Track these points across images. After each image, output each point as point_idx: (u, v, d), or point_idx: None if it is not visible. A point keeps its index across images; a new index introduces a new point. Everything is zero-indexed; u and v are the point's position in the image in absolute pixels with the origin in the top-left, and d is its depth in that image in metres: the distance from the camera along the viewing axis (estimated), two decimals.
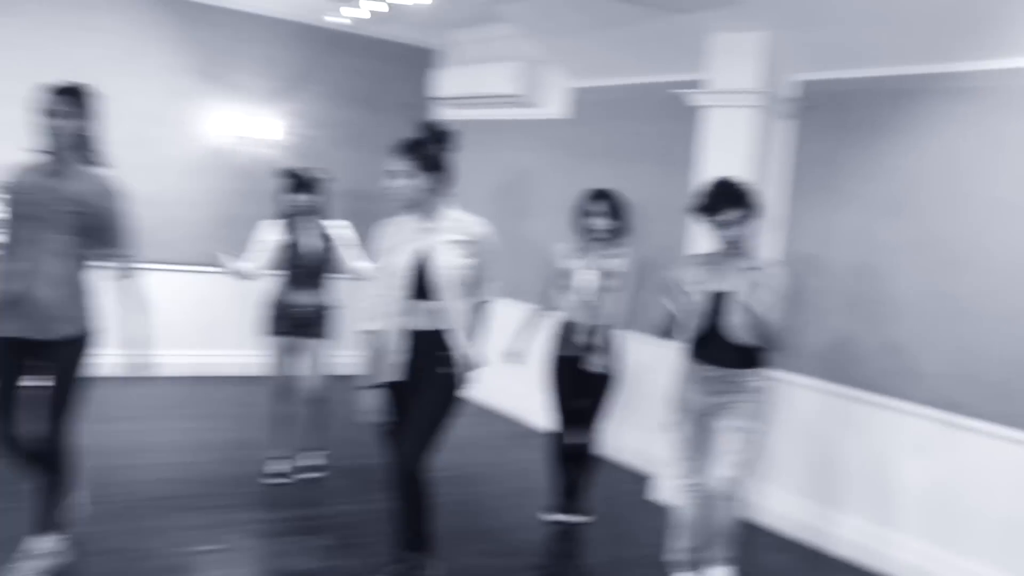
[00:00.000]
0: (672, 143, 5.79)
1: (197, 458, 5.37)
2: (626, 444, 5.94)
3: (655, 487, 5.43)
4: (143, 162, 6.88)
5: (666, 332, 4.18)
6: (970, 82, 4.37)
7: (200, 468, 5.18)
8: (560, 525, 4.84)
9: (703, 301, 3.97)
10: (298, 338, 5.03)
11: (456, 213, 3.73)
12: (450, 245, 3.64)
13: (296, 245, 4.98)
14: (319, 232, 5.04)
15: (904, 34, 4.49)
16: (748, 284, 3.88)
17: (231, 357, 7.35)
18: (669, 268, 4.26)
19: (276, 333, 5.03)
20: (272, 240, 4.98)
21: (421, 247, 3.62)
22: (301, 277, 5.01)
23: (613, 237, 4.73)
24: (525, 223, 7.09)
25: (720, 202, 3.89)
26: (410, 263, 3.61)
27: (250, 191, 7.33)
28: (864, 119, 4.83)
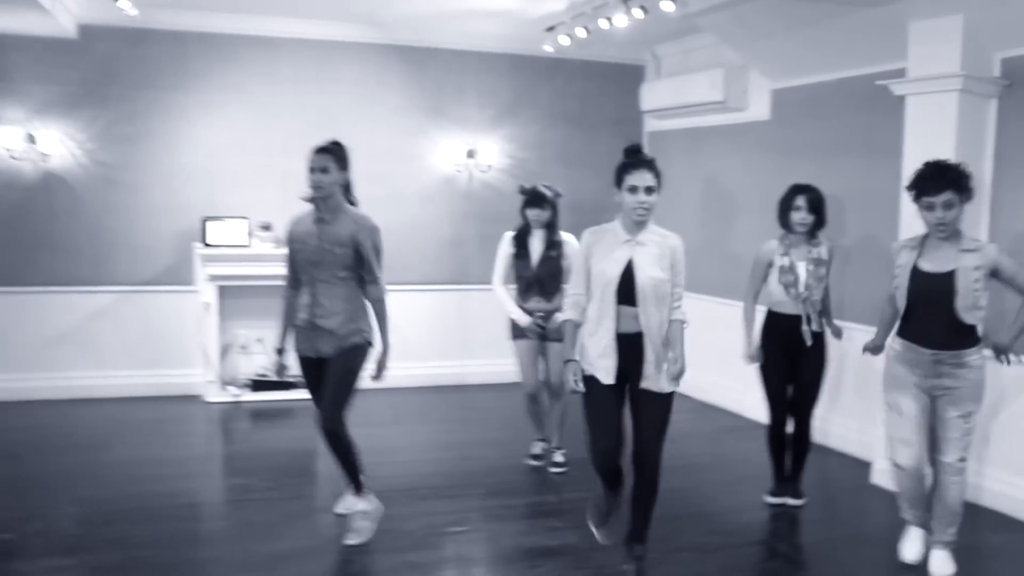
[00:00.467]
0: (875, 134, 5.85)
1: (441, 455, 6.02)
2: (842, 430, 6.03)
3: (872, 472, 5.52)
4: (382, 195, 7.72)
5: (888, 317, 4.33)
6: None
7: (444, 464, 5.81)
8: (779, 508, 5.07)
9: (919, 282, 4.08)
10: (539, 342, 5.56)
11: (657, 228, 3.97)
12: (653, 257, 3.88)
13: (530, 255, 5.52)
14: (551, 243, 5.54)
15: None
16: (968, 265, 3.96)
17: (470, 367, 8.07)
18: (883, 254, 4.37)
19: (517, 338, 5.60)
20: (509, 252, 5.58)
21: (628, 257, 3.87)
22: (535, 285, 5.53)
23: (815, 229, 4.94)
24: (734, 225, 7.30)
25: (931, 185, 3.98)
26: (619, 272, 3.87)
27: (477, 213, 8.04)
28: None
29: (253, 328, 7.47)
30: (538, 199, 5.52)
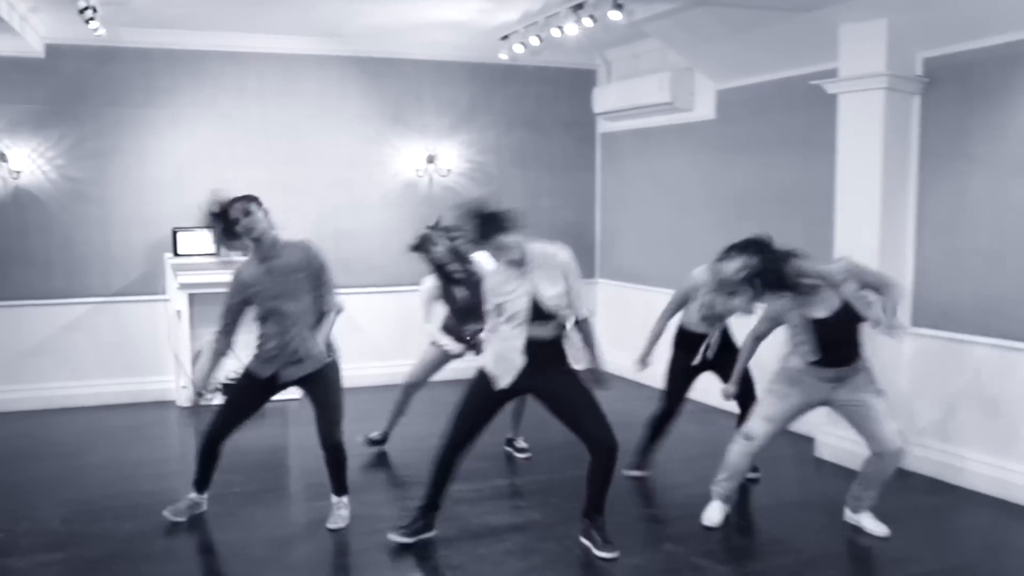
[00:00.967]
0: (813, 131, 6.22)
1: (408, 447, 6.24)
2: None
3: (815, 446, 6.00)
4: (347, 201, 7.98)
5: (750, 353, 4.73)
6: None
7: (413, 454, 6.03)
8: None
9: (824, 331, 4.34)
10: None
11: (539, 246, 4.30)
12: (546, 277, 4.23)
13: (452, 290, 5.82)
14: (466, 271, 5.75)
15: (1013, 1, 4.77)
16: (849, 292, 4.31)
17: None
18: (821, 246, 4.69)
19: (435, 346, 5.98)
20: (433, 296, 5.93)
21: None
22: (468, 312, 5.75)
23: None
24: (682, 219, 7.65)
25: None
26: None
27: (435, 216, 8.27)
28: (987, 86, 5.12)
29: None
30: (420, 246, 5.72)
